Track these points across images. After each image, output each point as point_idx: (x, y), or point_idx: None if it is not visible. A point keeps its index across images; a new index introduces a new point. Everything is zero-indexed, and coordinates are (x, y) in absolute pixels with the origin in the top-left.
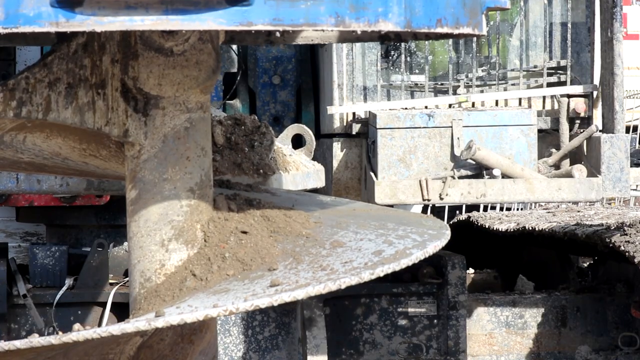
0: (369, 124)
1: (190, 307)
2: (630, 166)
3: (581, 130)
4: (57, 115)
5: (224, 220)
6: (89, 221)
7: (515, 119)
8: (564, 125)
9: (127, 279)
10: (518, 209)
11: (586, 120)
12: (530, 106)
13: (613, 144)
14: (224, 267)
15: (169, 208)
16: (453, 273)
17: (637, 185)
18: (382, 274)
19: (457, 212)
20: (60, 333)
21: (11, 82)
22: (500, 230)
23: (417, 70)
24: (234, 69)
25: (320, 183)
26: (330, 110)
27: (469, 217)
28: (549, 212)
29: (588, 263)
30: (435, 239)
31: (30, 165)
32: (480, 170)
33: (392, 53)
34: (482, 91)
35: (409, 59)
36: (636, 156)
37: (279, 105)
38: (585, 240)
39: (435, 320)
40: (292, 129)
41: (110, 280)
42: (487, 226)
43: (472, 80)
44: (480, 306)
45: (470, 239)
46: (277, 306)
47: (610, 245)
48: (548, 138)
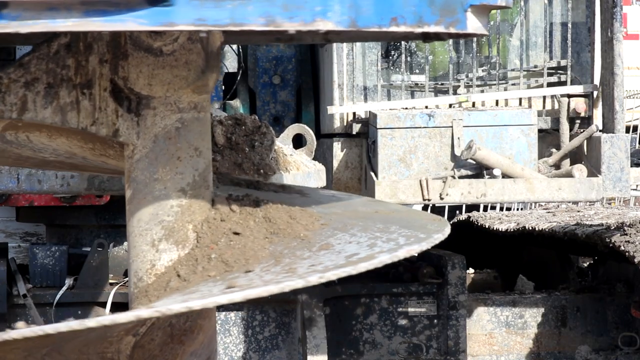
0: (369, 123)
1: (147, 308)
2: (631, 166)
3: (581, 130)
4: (35, 115)
5: (219, 221)
6: (89, 221)
7: (515, 118)
8: (564, 125)
9: (127, 279)
10: (518, 209)
11: (586, 120)
12: (530, 106)
13: (613, 143)
14: (208, 269)
15: (159, 208)
16: (453, 273)
17: (637, 185)
18: (333, 278)
19: (457, 212)
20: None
21: None
22: (500, 230)
23: (418, 70)
24: (234, 69)
25: (321, 183)
26: (331, 110)
27: (469, 217)
28: (549, 212)
29: (588, 263)
30: (416, 243)
31: (61, 164)
32: (480, 170)
33: (393, 53)
34: (483, 91)
35: (409, 58)
36: (636, 156)
37: (279, 105)
38: (585, 240)
39: (435, 320)
40: (293, 129)
41: (110, 280)
42: (487, 226)
43: (473, 80)
44: (480, 306)
45: (470, 239)
46: (277, 306)
47: (610, 245)
48: (548, 138)
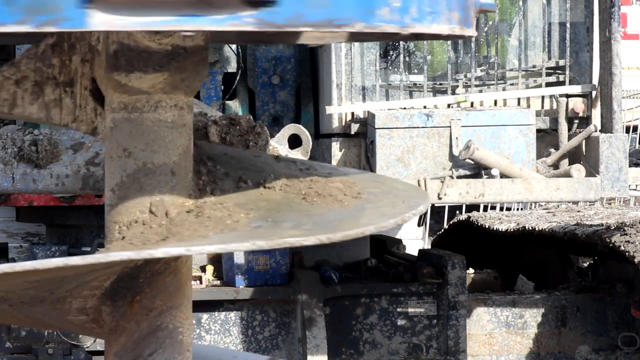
0: (367, 123)
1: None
2: (630, 166)
3: (580, 130)
4: (23, 111)
5: (158, 219)
6: (89, 221)
7: (513, 118)
8: (563, 125)
9: None
10: (518, 209)
11: (585, 120)
12: (529, 106)
13: (611, 143)
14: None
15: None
16: (453, 273)
17: (637, 185)
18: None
19: (457, 212)
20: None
21: None
22: (500, 230)
23: (416, 70)
24: (234, 69)
25: None
26: (329, 110)
27: (469, 217)
28: (549, 212)
29: (588, 263)
30: (343, 230)
31: None
32: (478, 170)
33: (391, 53)
34: (481, 91)
35: (407, 59)
36: (635, 156)
37: (279, 105)
38: (585, 240)
39: (435, 320)
40: (289, 129)
41: None
42: (487, 226)
43: (471, 80)
44: (480, 306)
45: (470, 239)
46: (277, 306)
47: (610, 245)
48: (547, 138)
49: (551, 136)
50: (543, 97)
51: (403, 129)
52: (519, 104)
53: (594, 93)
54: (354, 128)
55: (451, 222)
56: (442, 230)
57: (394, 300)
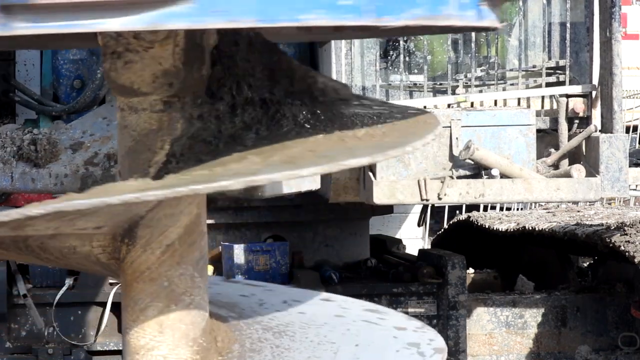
0: None
1: None
2: (630, 166)
3: (580, 130)
4: None
5: None
6: None
7: (514, 118)
8: (563, 125)
9: None
10: (518, 209)
11: (585, 120)
12: (529, 106)
13: (612, 143)
14: None
15: None
16: (453, 273)
17: (637, 185)
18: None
19: (457, 212)
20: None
21: None
22: (500, 230)
23: (416, 70)
24: None
25: (316, 185)
26: None
27: (469, 217)
28: (549, 212)
29: (588, 263)
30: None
31: None
32: (478, 170)
33: (391, 53)
34: (481, 91)
35: (407, 58)
36: (635, 156)
37: None
38: (585, 240)
39: (435, 320)
40: None
41: (110, 280)
42: (487, 226)
43: (471, 80)
44: (480, 306)
45: (470, 238)
46: None
47: (610, 245)
48: (547, 138)
49: (551, 136)
50: (543, 97)
51: None
52: (519, 104)
53: (594, 93)
54: None
55: (451, 222)
56: (442, 230)
57: (394, 300)
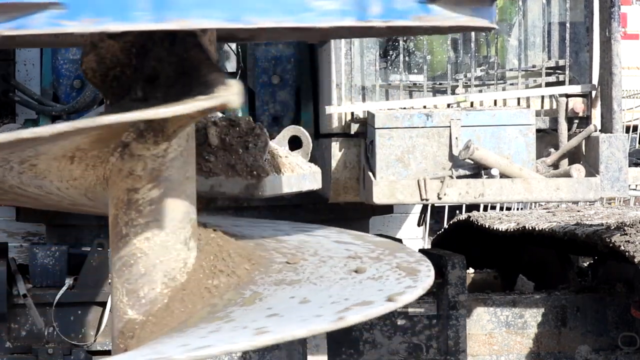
0: (367, 123)
1: None
2: (630, 166)
3: (580, 130)
4: None
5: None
6: (88, 221)
7: (513, 118)
8: (563, 125)
9: None
10: (518, 209)
11: (585, 120)
12: (528, 106)
13: (611, 143)
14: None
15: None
16: (453, 273)
17: (637, 185)
18: None
19: (457, 212)
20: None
21: None
22: (500, 230)
23: (416, 70)
24: (233, 69)
25: (317, 185)
26: (329, 110)
27: (469, 217)
28: (548, 212)
29: (588, 263)
30: None
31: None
32: (478, 170)
33: (391, 53)
34: (481, 91)
35: (407, 58)
36: (635, 156)
37: (278, 105)
38: (585, 240)
39: (435, 320)
40: (289, 131)
41: (110, 280)
42: (487, 226)
43: (471, 80)
44: (480, 306)
45: (470, 238)
46: None
47: (610, 245)
48: (546, 138)
49: (551, 136)
50: (543, 97)
51: (403, 129)
52: (518, 104)
53: (593, 93)
54: (354, 128)
55: (451, 222)
56: (442, 230)
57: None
